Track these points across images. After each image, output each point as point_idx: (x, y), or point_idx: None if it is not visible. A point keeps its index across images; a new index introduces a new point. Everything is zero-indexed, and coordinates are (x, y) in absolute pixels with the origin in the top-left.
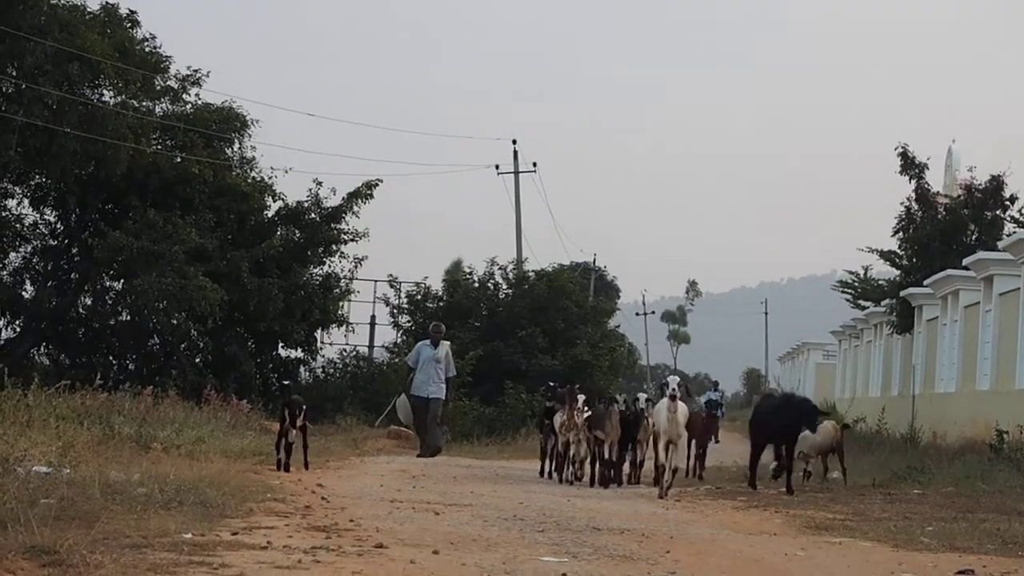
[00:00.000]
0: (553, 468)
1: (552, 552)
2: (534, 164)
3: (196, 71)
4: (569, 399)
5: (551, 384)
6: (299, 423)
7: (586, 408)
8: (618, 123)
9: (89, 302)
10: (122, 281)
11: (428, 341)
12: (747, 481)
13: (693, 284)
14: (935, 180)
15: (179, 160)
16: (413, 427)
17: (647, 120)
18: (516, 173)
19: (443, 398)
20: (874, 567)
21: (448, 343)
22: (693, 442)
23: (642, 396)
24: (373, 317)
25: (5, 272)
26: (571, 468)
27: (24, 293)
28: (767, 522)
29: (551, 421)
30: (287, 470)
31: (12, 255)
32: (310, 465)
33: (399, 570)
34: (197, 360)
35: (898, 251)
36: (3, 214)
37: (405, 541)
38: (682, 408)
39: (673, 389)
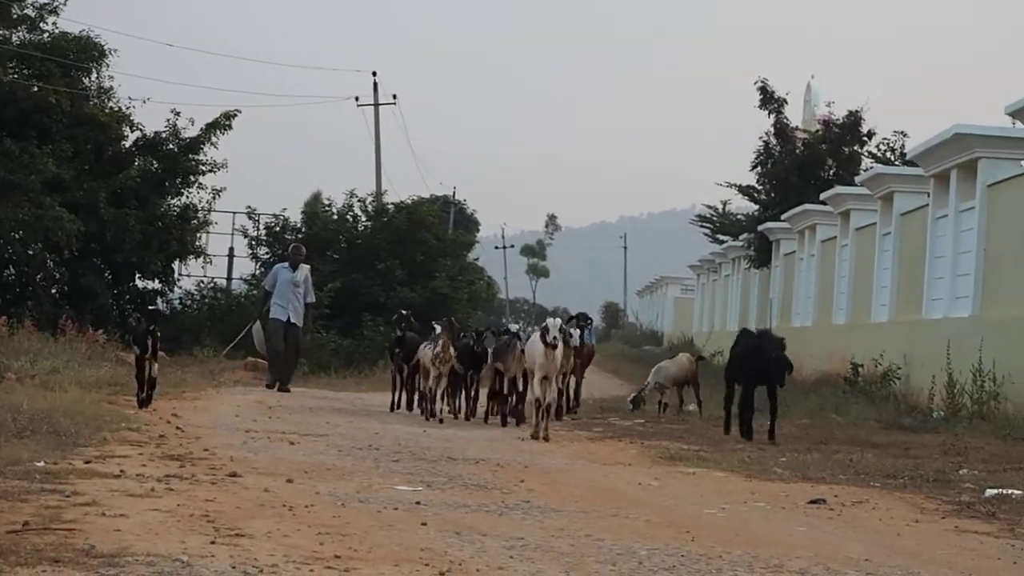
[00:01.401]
0: (423, 404)
1: (407, 481)
2: (394, 96)
3: (53, 0)
4: (446, 331)
5: (403, 312)
6: (158, 353)
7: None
8: (479, 57)
9: None
10: None
11: (286, 263)
12: (723, 426)
13: (553, 218)
14: (794, 115)
15: (36, 89)
16: (267, 355)
17: (507, 54)
18: (376, 105)
19: (302, 324)
20: (727, 496)
21: (308, 267)
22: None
23: (514, 327)
24: (231, 249)
25: None
26: (442, 404)
27: None
28: (622, 453)
29: (401, 351)
30: (147, 403)
31: None
32: (152, 400)
33: (252, 498)
34: (53, 291)
35: (756, 186)
36: None
37: (259, 470)
38: (560, 347)
39: (554, 337)
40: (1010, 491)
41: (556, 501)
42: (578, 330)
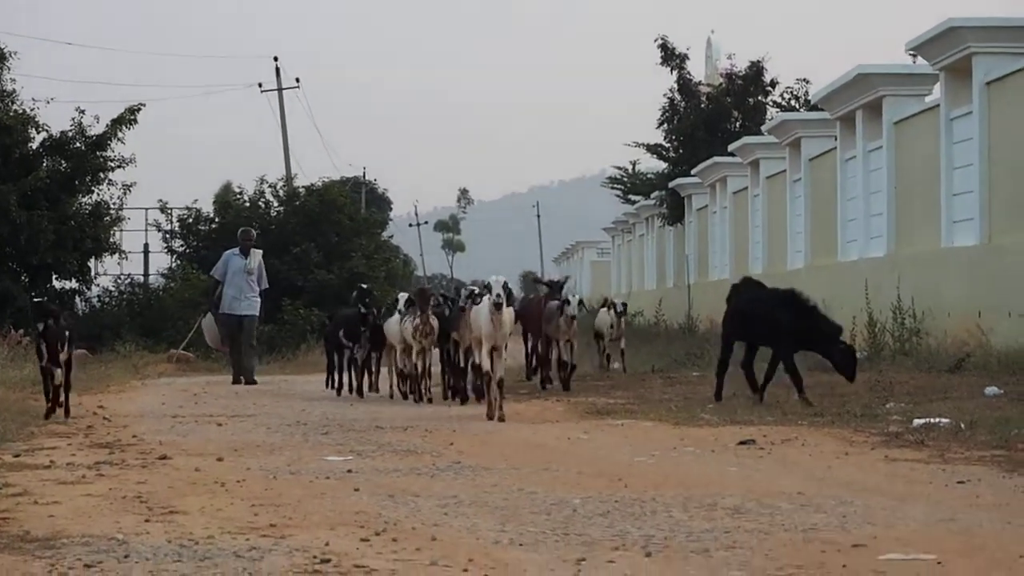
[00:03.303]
0: (405, 386)
1: (336, 452)
2: (297, 80)
3: None
4: (421, 300)
5: (363, 287)
6: (63, 356)
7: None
8: (381, 35)
9: None
10: None
11: (237, 249)
12: (714, 391)
13: (464, 192)
14: (696, 70)
15: None
16: (224, 349)
17: (409, 31)
18: (279, 90)
19: (257, 315)
20: (656, 444)
21: (260, 251)
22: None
23: (402, 296)
24: (146, 245)
25: None
26: (426, 382)
27: None
28: (549, 411)
29: (366, 329)
30: (64, 413)
31: None
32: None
33: (184, 478)
34: (34, 296)
35: (664, 143)
36: None
37: (189, 451)
38: (508, 312)
39: (498, 295)
40: (937, 419)
41: (487, 460)
42: (576, 296)
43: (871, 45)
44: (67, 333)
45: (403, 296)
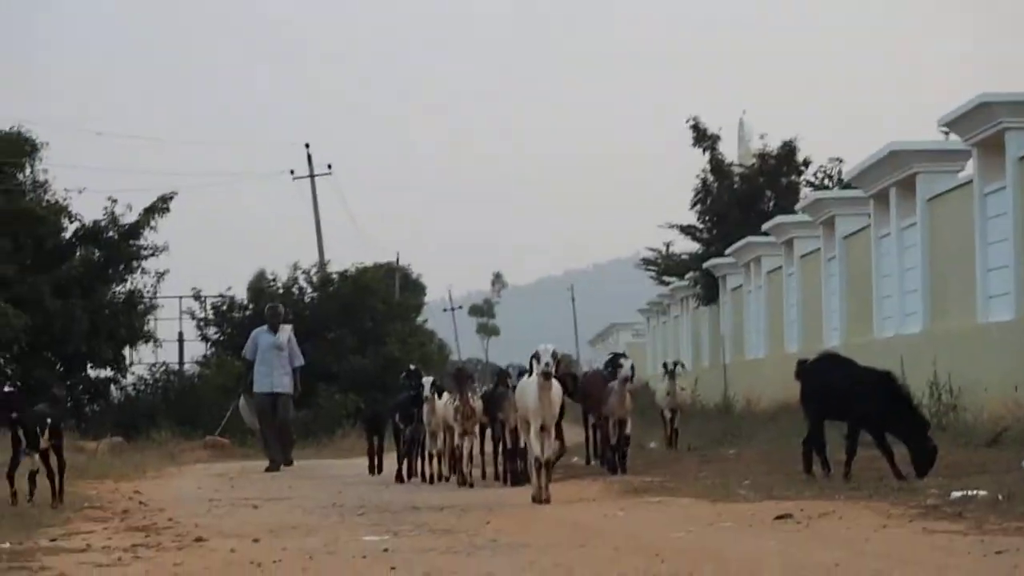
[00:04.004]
0: (442, 469)
1: (373, 532)
2: (329, 166)
3: None
4: (461, 381)
5: (411, 368)
6: (43, 443)
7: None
8: (413, 120)
9: None
10: None
11: (265, 327)
12: (803, 465)
13: (498, 276)
14: (728, 150)
15: None
16: (258, 431)
17: (443, 116)
18: (311, 176)
19: (291, 392)
20: (694, 520)
21: (290, 326)
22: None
23: (427, 381)
24: (181, 333)
25: None
26: (469, 465)
27: None
28: (586, 490)
29: (415, 411)
30: (60, 499)
31: None
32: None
33: (219, 559)
34: (6, 386)
35: (697, 224)
36: None
37: (225, 533)
38: (556, 386)
39: (547, 363)
40: (975, 492)
41: (523, 538)
42: (629, 360)
43: (904, 121)
44: (48, 420)
45: (428, 380)
